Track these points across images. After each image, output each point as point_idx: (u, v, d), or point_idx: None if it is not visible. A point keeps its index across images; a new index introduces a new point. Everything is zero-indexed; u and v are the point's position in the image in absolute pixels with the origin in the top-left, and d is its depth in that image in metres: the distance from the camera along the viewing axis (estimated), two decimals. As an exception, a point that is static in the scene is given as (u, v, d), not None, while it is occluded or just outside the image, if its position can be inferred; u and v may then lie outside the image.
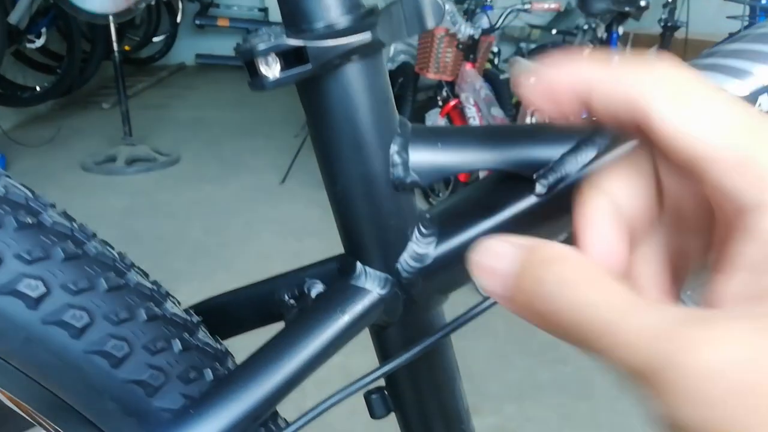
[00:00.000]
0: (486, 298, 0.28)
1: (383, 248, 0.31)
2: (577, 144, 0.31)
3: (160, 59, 5.82)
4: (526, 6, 2.53)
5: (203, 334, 0.33)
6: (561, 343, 0.18)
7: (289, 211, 2.71)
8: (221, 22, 5.93)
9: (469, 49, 2.47)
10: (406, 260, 0.31)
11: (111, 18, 3.08)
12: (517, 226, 0.31)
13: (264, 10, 6.17)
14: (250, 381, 0.28)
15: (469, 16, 2.74)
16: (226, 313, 0.38)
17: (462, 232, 0.31)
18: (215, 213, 2.71)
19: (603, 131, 0.31)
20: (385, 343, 0.35)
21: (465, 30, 2.43)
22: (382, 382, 0.38)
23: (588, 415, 1.58)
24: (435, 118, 2.57)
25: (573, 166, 0.31)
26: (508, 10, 2.49)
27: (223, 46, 6.12)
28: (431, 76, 2.61)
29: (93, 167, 3.17)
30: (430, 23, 0.28)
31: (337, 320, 0.30)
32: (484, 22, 2.58)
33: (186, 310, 0.34)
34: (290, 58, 0.26)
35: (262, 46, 0.25)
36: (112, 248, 0.31)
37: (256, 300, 0.37)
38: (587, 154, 0.31)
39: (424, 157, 0.30)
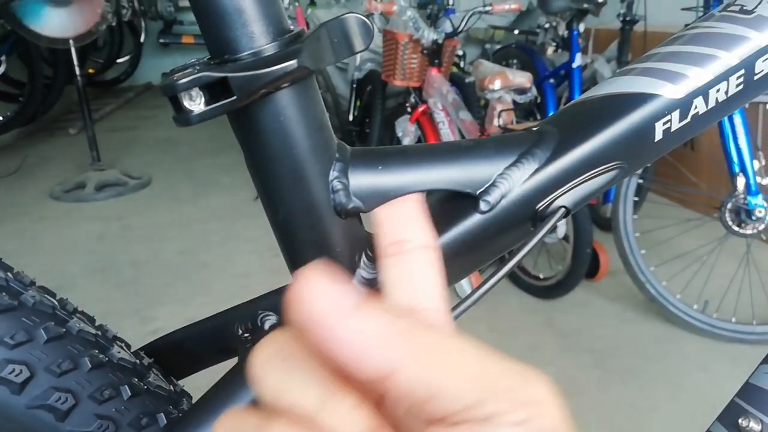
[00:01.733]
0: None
1: None
2: (518, 158, 0.31)
3: (126, 80, 5.75)
4: (488, 8, 2.55)
5: (155, 377, 0.32)
6: (543, 345, 0.18)
7: (265, 227, 2.67)
8: (186, 40, 5.88)
9: (434, 54, 2.48)
10: (356, 287, 0.30)
11: (71, 42, 3.04)
12: (463, 244, 0.30)
13: (228, 25, 6.13)
14: (202, 424, 0.28)
15: (432, 21, 2.75)
16: (180, 352, 0.37)
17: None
18: (190, 234, 2.68)
19: (544, 143, 0.31)
20: None
21: (428, 35, 2.44)
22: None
23: (574, 412, 1.59)
24: (405, 125, 2.57)
25: (515, 181, 0.30)
26: (470, 13, 2.51)
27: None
28: (398, 83, 2.61)
29: (62, 195, 3.12)
30: (358, 46, 0.28)
31: None
32: (447, 27, 2.59)
33: (135, 353, 0.33)
34: (215, 90, 0.25)
35: (183, 81, 0.24)
36: (53, 295, 0.30)
37: (210, 335, 0.36)
38: (529, 167, 0.31)
39: (365, 182, 0.29)
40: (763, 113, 2.03)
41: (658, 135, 0.31)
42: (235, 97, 0.25)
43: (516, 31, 3.45)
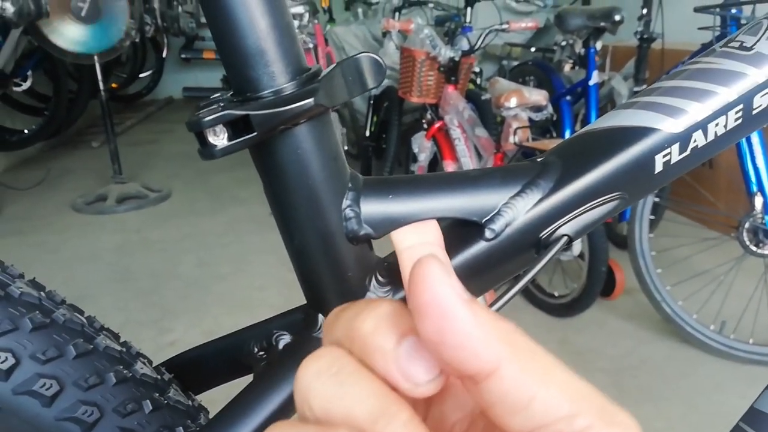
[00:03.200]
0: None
1: (342, 299, 0.32)
2: (523, 188, 0.32)
3: (148, 94, 5.87)
4: (504, 26, 2.57)
5: (174, 392, 0.34)
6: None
7: (280, 240, 2.71)
8: (206, 55, 5.98)
9: (451, 72, 2.50)
10: None
11: (96, 58, 3.11)
12: (469, 270, 0.32)
13: (249, 41, 6.23)
14: None
15: (449, 38, 2.77)
16: (197, 368, 0.39)
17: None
18: (207, 246, 2.71)
19: (547, 173, 0.33)
20: None
21: (445, 53, 2.47)
22: None
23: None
24: (421, 141, 2.59)
25: (519, 210, 0.32)
26: (487, 31, 2.53)
27: (210, 78, 6.17)
28: (415, 100, 2.64)
29: (84, 207, 3.18)
30: (371, 83, 0.30)
31: None
32: (464, 44, 2.61)
33: (156, 368, 0.34)
34: (238, 126, 0.27)
35: (208, 118, 0.26)
36: (81, 313, 0.32)
37: (226, 353, 0.38)
38: (533, 196, 0.32)
39: (376, 209, 0.31)
40: (781, 133, 2.01)
41: (658, 167, 0.33)
42: (256, 133, 0.27)
43: (533, 49, 3.46)
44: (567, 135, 2.41)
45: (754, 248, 1.89)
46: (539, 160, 0.34)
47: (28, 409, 0.28)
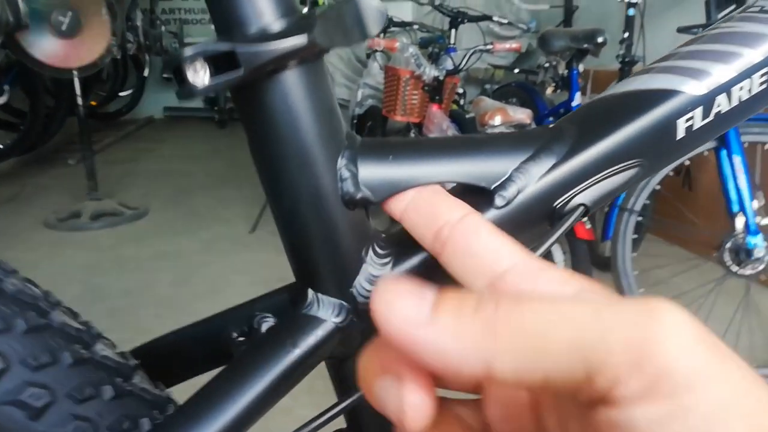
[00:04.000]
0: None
1: (336, 272, 0.28)
2: (535, 153, 0.29)
3: (128, 113, 5.80)
4: (489, 47, 2.59)
5: (140, 379, 0.30)
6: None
7: (260, 259, 2.66)
8: (189, 75, 5.95)
9: (435, 91, 2.50)
10: (361, 284, 0.28)
11: (75, 72, 3.06)
12: (478, 241, 0.29)
13: (231, 62, 6.21)
14: (188, 428, 0.25)
15: (434, 58, 2.78)
16: (169, 357, 0.35)
17: (420, 251, 0.29)
18: (184, 265, 2.64)
19: (561, 138, 0.30)
20: (345, 377, 0.32)
21: (430, 72, 2.47)
22: (342, 423, 0.34)
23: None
24: (404, 160, 2.58)
25: (532, 176, 0.29)
26: (471, 51, 2.54)
27: (192, 99, 6.13)
28: (399, 118, 2.63)
29: (57, 224, 3.09)
30: (371, 30, 0.26)
31: (287, 354, 0.27)
32: (449, 64, 2.62)
33: (122, 353, 0.30)
34: (221, 64, 0.24)
35: (189, 53, 0.23)
36: (35, 286, 0.28)
37: (203, 340, 0.34)
38: (546, 161, 0.29)
39: (374, 171, 0.28)
40: (761, 153, 2.03)
41: (680, 133, 0.30)
42: (241, 71, 0.24)
43: (516, 70, 3.49)
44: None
45: (735, 268, 1.89)
46: (552, 126, 0.31)
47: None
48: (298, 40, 0.24)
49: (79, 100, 3.21)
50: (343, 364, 0.31)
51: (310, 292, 0.29)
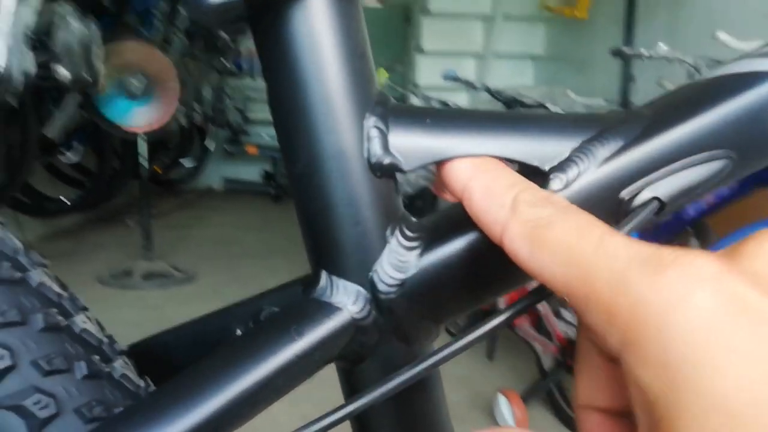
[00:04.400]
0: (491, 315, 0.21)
1: (356, 251, 0.24)
2: (601, 132, 0.25)
3: (189, 182, 6.01)
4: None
5: (123, 366, 0.26)
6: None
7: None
8: (250, 150, 6.18)
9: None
10: (383, 268, 0.24)
11: (143, 135, 3.21)
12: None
13: (291, 139, 6.44)
14: (149, 421, 0.21)
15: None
16: (167, 356, 0.30)
17: (455, 238, 0.24)
18: (224, 328, 2.62)
19: (632, 120, 0.26)
20: (357, 385, 0.26)
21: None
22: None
23: None
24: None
25: (596, 158, 0.24)
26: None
27: (251, 172, 6.33)
28: (448, 197, 2.61)
29: (109, 280, 3.15)
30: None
31: (289, 343, 0.23)
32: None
33: (108, 336, 0.27)
34: None
35: None
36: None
37: (203, 337, 0.30)
38: (613, 143, 0.25)
39: (408, 135, 0.24)
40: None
41: (775, 122, 0.25)
42: None
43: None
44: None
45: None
46: (623, 109, 0.27)
47: None
48: None
49: (144, 163, 3.34)
50: (356, 369, 0.26)
51: (324, 274, 0.24)
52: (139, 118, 3.12)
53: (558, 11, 4.58)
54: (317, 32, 0.22)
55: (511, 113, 0.26)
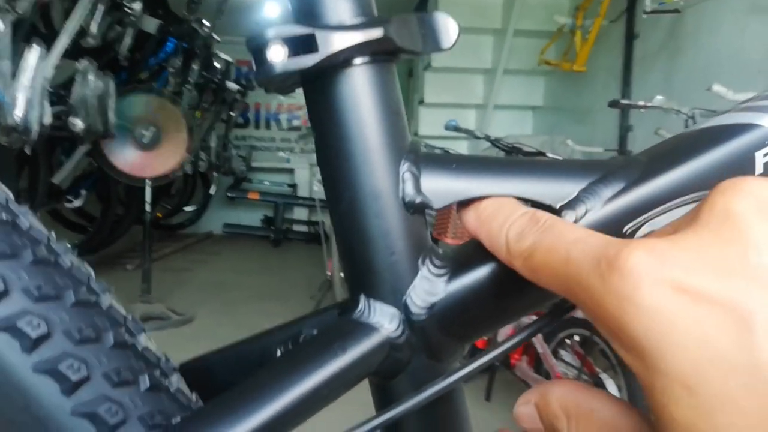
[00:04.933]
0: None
1: (391, 278, 0.27)
2: (604, 175, 0.29)
3: (189, 226, 6.06)
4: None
5: (178, 381, 0.28)
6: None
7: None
8: (251, 196, 6.26)
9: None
10: (416, 293, 0.27)
11: (148, 182, 3.27)
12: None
13: (293, 186, 6.53)
14: (217, 424, 0.23)
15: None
16: (211, 377, 0.33)
17: (478, 266, 0.27)
18: (224, 374, 2.60)
19: (630, 165, 0.29)
20: (388, 397, 0.29)
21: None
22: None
23: None
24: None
25: (601, 197, 0.28)
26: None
27: (251, 218, 6.39)
28: (449, 241, 2.65)
29: (107, 324, 3.14)
30: (445, 43, 0.28)
31: (335, 358, 0.25)
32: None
33: (164, 355, 0.29)
34: (299, 49, 0.25)
35: (271, 32, 0.24)
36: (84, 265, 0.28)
37: (245, 360, 0.32)
38: (615, 185, 0.28)
39: (437, 178, 0.27)
40: None
41: (759, 168, 0.29)
42: (318, 55, 0.25)
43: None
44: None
45: None
46: (621, 156, 0.30)
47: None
48: (375, 33, 0.25)
49: (148, 207, 3.39)
50: (388, 384, 0.29)
51: (362, 298, 0.27)
52: (146, 165, 3.18)
53: (557, 65, 4.71)
54: (359, 94, 0.26)
55: (525, 159, 0.29)
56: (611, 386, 1.88)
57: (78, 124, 2.33)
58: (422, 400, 0.25)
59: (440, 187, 0.27)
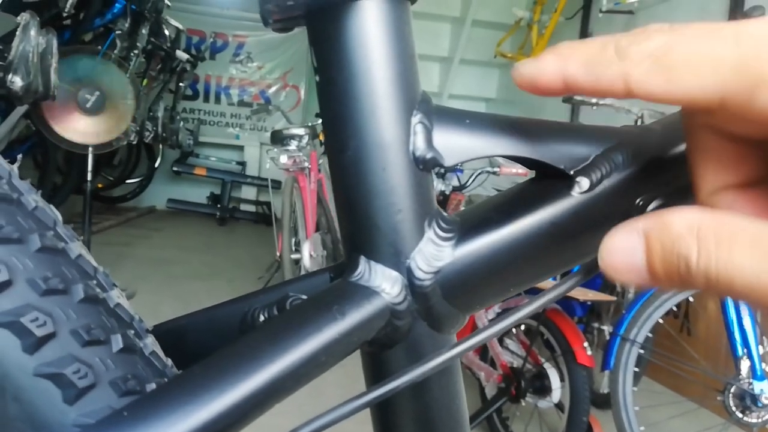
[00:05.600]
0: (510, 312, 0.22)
1: (394, 239, 0.25)
2: (620, 142, 0.27)
3: (131, 200, 5.84)
4: (495, 169, 2.66)
5: (153, 344, 0.25)
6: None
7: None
8: (198, 171, 6.08)
9: (441, 204, 2.54)
10: (421, 257, 0.25)
11: (90, 149, 3.12)
12: (552, 228, 0.26)
13: (242, 163, 6.39)
14: (202, 391, 0.21)
15: (441, 175, 2.86)
16: (185, 342, 0.30)
17: (487, 232, 0.26)
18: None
19: (647, 133, 0.28)
20: (382, 369, 0.27)
21: (437, 186, 2.52)
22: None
23: None
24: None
25: (617, 164, 0.27)
26: (478, 172, 2.62)
27: (197, 194, 6.21)
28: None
29: (40, 296, 3.00)
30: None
31: (333, 322, 0.23)
32: (455, 181, 2.69)
33: (137, 314, 0.26)
34: None
35: None
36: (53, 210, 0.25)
37: (223, 324, 0.30)
38: (631, 152, 0.27)
39: (449, 133, 0.25)
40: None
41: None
42: None
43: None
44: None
45: (740, 415, 1.80)
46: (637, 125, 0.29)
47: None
48: None
49: (89, 175, 3.24)
50: (382, 355, 0.27)
51: (362, 260, 0.25)
52: (89, 132, 3.03)
53: (512, 58, 4.76)
54: (371, 31, 0.24)
55: (541, 121, 0.28)
56: (554, 376, 1.92)
57: (17, 81, 2.18)
58: (426, 372, 0.23)
59: (453, 144, 0.25)
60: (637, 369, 1.93)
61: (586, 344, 1.86)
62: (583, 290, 1.98)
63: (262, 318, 0.28)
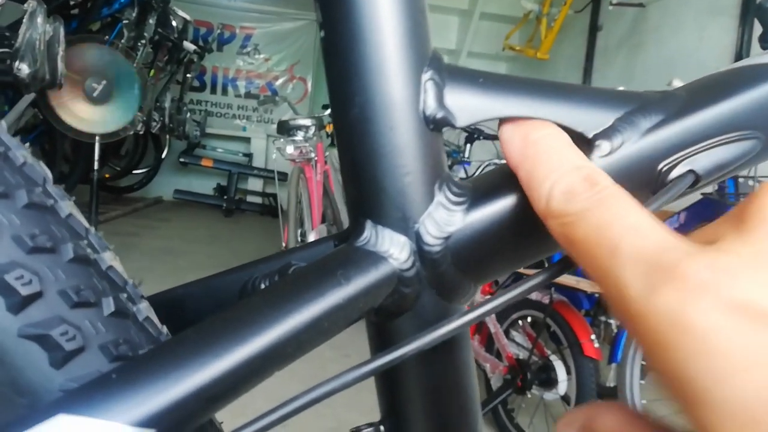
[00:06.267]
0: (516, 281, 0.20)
1: (403, 202, 0.24)
2: (641, 106, 0.26)
3: (138, 190, 5.85)
4: (502, 161, 2.64)
5: (147, 309, 0.24)
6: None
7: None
8: (205, 162, 6.08)
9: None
10: (431, 222, 0.24)
11: (97, 138, 3.12)
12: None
13: (249, 155, 6.38)
14: (196, 355, 0.19)
15: (449, 167, 2.85)
16: (183, 311, 0.29)
17: (501, 197, 0.24)
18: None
19: (669, 98, 0.26)
20: (388, 338, 0.26)
21: (444, 177, 2.51)
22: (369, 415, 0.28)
23: None
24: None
25: (638, 128, 0.25)
26: (485, 164, 2.60)
27: (203, 185, 6.22)
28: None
29: (46, 284, 3.01)
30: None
31: (338, 287, 0.22)
32: (462, 173, 2.68)
33: (132, 279, 0.25)
34: None
35: None
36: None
37: (224, 292, 0.28)
38: (654, 116, 0.25)
39: (461, 93, 0.24)
40: None
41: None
42: None
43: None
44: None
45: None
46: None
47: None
48: None
49: (96, 164, 3.24)
50: (389, 324, 0.25)
51: (369, 224, 0.24)
52: (96, 121, 3.03)
53: (521, 51, 4.73)
54: None
55: (557, 83, 0.26)
56: (560, 369, 1.91)
57: (24, 69, 2.18)
58: (435, 339, 0.22)
59: (465, 103, 0.24)
60: (644, 362, 1.91)
61: (593, 337, 1.85)
62: (590, 282, 1.97)
63: (263, 286, 0.27)
